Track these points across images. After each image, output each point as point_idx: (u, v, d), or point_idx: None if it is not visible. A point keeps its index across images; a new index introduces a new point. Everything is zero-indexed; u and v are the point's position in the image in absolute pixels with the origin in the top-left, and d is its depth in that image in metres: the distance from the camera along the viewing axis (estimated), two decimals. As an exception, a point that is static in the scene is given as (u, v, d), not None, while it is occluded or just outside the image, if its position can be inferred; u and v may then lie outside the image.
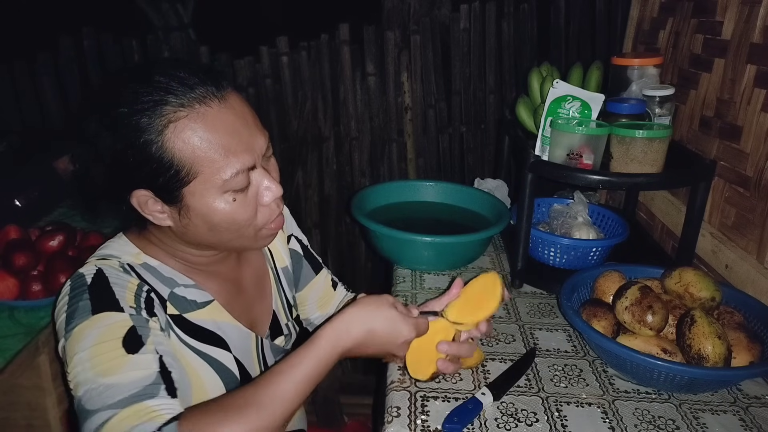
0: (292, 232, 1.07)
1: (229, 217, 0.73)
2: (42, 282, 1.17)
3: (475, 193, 1.54)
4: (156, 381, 0.64)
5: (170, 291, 0.79)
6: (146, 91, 0.67)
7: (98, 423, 0.60)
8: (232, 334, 0.85)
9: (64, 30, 2.22)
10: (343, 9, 2.64)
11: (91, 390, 0.63)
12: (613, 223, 1.37)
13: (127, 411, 0.60)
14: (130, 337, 0.67)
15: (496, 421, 0.85)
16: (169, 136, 0.67)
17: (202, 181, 0.69)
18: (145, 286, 0.75)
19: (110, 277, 0.73)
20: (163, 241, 0.80)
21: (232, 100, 0.72)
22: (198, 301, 0.82)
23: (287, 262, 1.03)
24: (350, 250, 2.52)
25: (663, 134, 1.05)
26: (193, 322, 0.80)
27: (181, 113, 0.67)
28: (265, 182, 0.75)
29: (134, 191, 0.71)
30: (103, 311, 0.69)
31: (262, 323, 0.95)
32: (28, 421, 1.14)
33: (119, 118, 0.67)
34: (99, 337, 0.66)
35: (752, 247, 1.09)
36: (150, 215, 0.73)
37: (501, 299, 0.84)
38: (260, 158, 0.74)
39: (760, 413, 0.88)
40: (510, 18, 2.36)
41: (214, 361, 0.81)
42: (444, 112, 2.41)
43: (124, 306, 0.70)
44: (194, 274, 0.83)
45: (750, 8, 1.10)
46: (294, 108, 2.26)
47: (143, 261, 0.79)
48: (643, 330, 0.92)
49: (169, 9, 2.62)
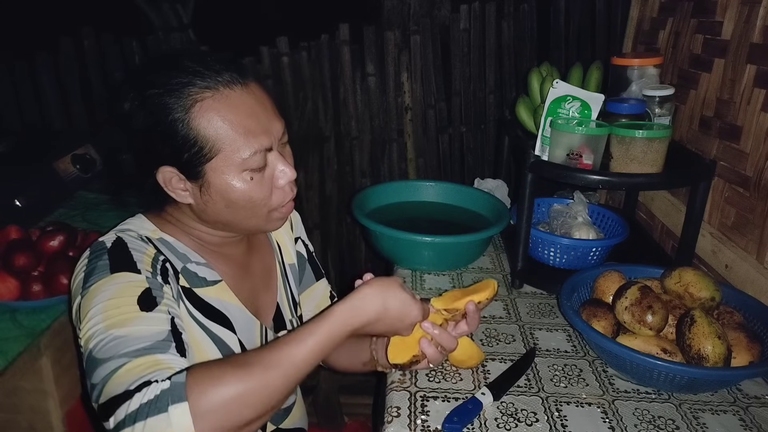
0: (300, 235, 1.09)
1: (246, 195, 0.77)
2: (43, 282, 1.17)
3: (475, 193, 1.54)
4: (167, 338, 0.66)
5: (183, 265, 0.82)
6: (176, 74, 0.73)
7: (108, 371, 0.61)
8: (238, 316, 0.87)
9: (64, 30, 2.22)
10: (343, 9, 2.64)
11: (103, 341, 0.64)
12: (613, 223, 1.37)
13: (138, 361, 0.62)
14: (145, 296, 0.70)
15: (496, 421, 0.85)
16: (194, 114, 0.72)
17: (222, 158, 0.74)
18: (161, 256, 0.79)
19: (129, 243, 0.77)
20: (180, 220, 0.84)
21: (254, 87, 0.78)
22: (208, 279, 0.84)
23: (294, 260, 1.05)
24: (351, 250, 2.52)
25: (663, 134, 1.05)
26: (202, 297, 0.83)
27: (206, 94, 0.72)
28: (279, 165, 0.79)
29: (161, 167, 0.76)
30: (122, 270, 0.72)
31: (267, 313, 0.96)
32: (30, 424, 1.14)
33: (150, 98, 0.72)
34: (115, 292, 0.69)
35: (752, 247, 1.09)
36: (173, 192, 0.78)
37: (494, 291, 0.86)
38: (277, 142, 0.79)
39: (760, 413, 0.88)
40: (510, 18, 2.36)
41: (218, 339, 0.83)
42: (444, 113, 2.41)
43: (142, 269, 0.73)
44: (206, 253, 0.86)
45: (750, 8, 1.10)
46: (295, 108, 2.26)
47: (159, 237, 0.83)
48: (643, 330, 0.92)
49: (169, 9, 2.63)
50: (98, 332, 0.65)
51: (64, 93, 2.26)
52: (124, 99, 0.75)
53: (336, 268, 2.52)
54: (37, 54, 2.19)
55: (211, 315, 0.83)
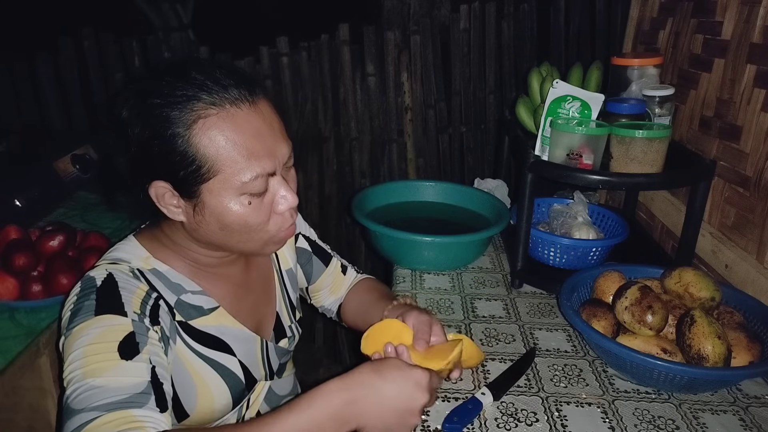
0: (300, 230, 1.08)
1: (242, 219, 0.73)
2: (42, 282, 1.17)
3: (475, 193, 1.54)
4: (146, 391, 0.64)
5: (177, 298, 0.79)
6: (181, 86, 0.68)
7: (79, 423, 0.59)
8: (238, 338, 0.86)
9: (64, 30, 2.22)
10: (343, 9, 2.64)
11: (79, 389, 0.62)
12: (613, 223, 1.37)
13: (111, 416, 0.60)
14: (128, 342, 0.67)
15: (496, 421, 0.85)
16: (196, 131, 0.68)
17: (221, 180, 0.70)
18: (154, 293, 0.76)
19: (119, 281, 0.73)
20: (174, 241, 0.81)
21: (262, 106, 0.73)
22: (204, 308, 0.82)
23: (291, 263, 1.04)
24: (350, 251, 2.52)
25: (663, 134, 1.05)
26: (199, 328, 0.81)
27: (211, 111, 0.68)
28: (281, 191, 0.75)
29: (154, 182, 0.72)
30: (107, 313, 0.69)
31: (268, 325, 0.96)
32: (29, 423, 1.14)
33: (151, 108, 0.68)
34: (96, 337, 0.66)
35: (752, 247, 1.09)
36: (165, 208, 0.74)
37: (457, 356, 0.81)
38: (281, 166, 0.75)
39: (760, 413, 0.88)
40: (510, 18, 2.36)
41: (219, 365, 0.82)
42: (444, 113, 2.41)
43: (129, 311, 0.70)
44: (202, 277, 0.83)
45: (750, 8, 1.10)
46: (294, 109, 2.26)
47: (152, 266, 0.79)
48: (643, 330, 0.92)
49: (169, 9, 2.63)
50: (76, 379, 0.63)
51: (64, 93, 2.26)
52: (123, 105, 0.71)
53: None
54: (37, 54, 2.19)
55: (209, 343, 0.82)
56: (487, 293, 1.24)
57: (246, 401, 0.90)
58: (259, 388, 0.93)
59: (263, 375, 0.92)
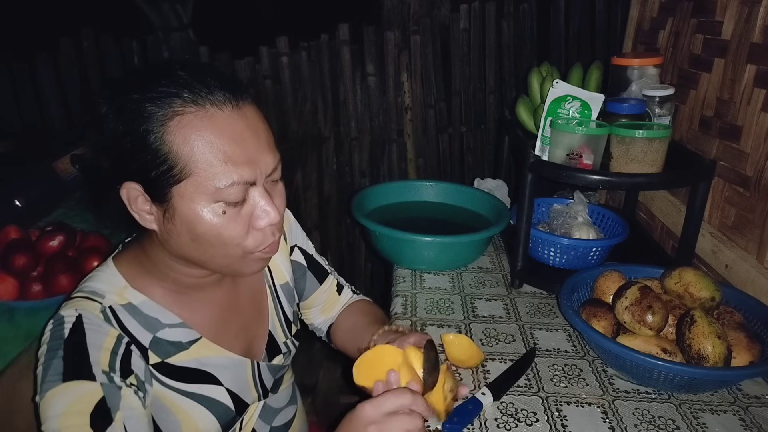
0: (296, 242, 1.02)
1: (214, 230, 0.68)
2: (42, 283, 1.17)
3: (475, 193, 1.54)
4: None
5: (153, 336, 0.75)
6: (164, 83, 0.65)
7: None
8: (224, 366, 0.82)
9: (63, 31, 2.23)
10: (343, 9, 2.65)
11: None
12: (613, 223, 1.37)
13: None
14: (99, 411, 0.65)
15: (496, 421, 0.85)
16: (171, 128, 0.64)
17: (193, 184, 0.65)
18: (125, 339, 0.72)
19: (88, 333, 0.70)
20: (154, 262, 0.76)
21: (248, 112, 0.69)
22: (183, 342, 0.78)
23: (288, 277, 0.98)
24: (350, 251, 2.52)
25: (663, 134, 1.05)
26: (177, 365, 0.77)
27: (189, 108, 0.64)
28: (262, 204, 0.70)
29: (126, 183, 0.68)
30: (74, 379, 0.66)
31: (259, 344, 0.91)
32: (28, 425, 1.14)
33: (129, 103, 0.65)
34: (68, 406, 0.65)
35: (752, 247, 1.09)
36: (137, 213, 0.70)
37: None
38: (263, 177, 0.70)
39: (760, 413, 0.88)
40: (510, 18, 2.36)
41: (203, 398, 0.79)
42: (444, 113, 2.41)
43: (97, 372, 0.67)
44: (183, 304, 0.79)
45: (750, 8, 1.10)
46: (294, 108, 2.26)
47: (128, 300, 0.75)
48: (643, 330, 0.92)
49: (169, 9, 2.63)
50: None
51: (64, 93, 2.26)
52: (103, 101, 0.67)
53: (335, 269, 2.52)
54: (37, 54, 2.19)
55: (191, 378, 0.78)
56: (487, 293, 1.24)
57: (239, 423, 0.87)
58: (252, 409, 0.89)
59: (255, 397, 0.88)
